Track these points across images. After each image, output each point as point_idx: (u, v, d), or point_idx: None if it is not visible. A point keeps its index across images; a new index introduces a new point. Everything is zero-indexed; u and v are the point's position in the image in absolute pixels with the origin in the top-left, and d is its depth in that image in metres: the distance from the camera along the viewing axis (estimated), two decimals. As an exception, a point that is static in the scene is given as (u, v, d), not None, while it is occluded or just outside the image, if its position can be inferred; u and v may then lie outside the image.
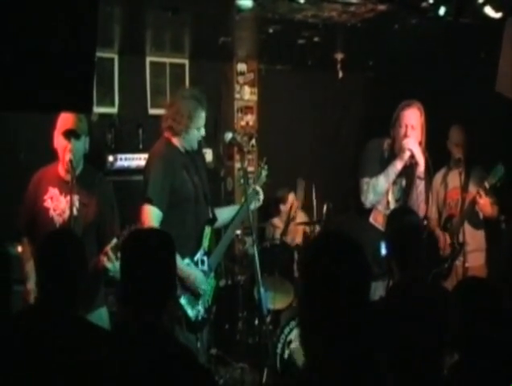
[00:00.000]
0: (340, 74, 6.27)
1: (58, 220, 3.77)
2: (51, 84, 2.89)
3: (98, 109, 5.99)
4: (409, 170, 4.34)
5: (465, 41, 5.18)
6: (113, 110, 6.23)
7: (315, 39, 5.68)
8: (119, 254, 3.48)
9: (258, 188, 4.24)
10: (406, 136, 4.30)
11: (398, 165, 4.30)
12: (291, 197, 6.53)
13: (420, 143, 4.33)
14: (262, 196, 4.23)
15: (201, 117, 3.96)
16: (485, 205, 4.93)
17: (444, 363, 2.43)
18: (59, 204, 3.78)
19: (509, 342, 2.34)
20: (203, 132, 4.01)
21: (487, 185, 4.84)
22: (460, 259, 4.99)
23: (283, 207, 6.53)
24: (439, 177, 5.40)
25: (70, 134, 3.71)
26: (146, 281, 2.32)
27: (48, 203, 3.79)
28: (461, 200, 5.07)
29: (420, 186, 4.33)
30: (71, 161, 3.67)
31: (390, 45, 5.88)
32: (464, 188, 5.10)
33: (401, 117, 4.35)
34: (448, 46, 5.52)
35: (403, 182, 4.40)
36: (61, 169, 3.80)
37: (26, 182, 4.05)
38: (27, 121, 5.44)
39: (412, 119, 4.33)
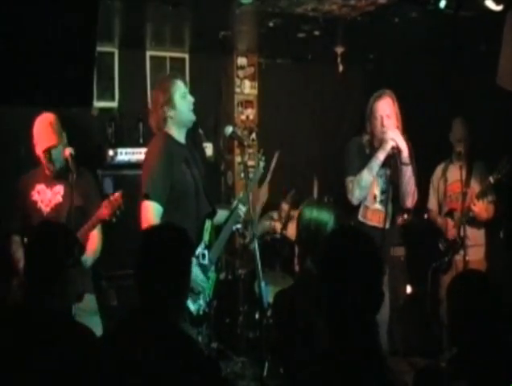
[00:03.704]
0: (341, 68, 6.25)
1: (45, 210, 4.20)
2: (51, 79, 2.89)
3: (98, 104, 5.98)
4: (392, 160, 4.31)
5: (466, 34, 5.17)
6: (114, 104, 6.22)
7: (316, 32, 5.67)
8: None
9: (241, 206, 4.20)
10: (382, 126, 4.33)
11: (380, 156, 4.29)
12: (283, 206, 6.53)
13: (397, 128, 4.36)
14: (243, 212, 4.21)
15: (176, 83, 3.96)
16: (480, 211, 4.99)
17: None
18: (45, 196, 4.22)
19: (507, 335, 2.34)
20: (190, 98, 4.00)
21: (492, 180, 4.84)
22: (460, 253, 5.01)
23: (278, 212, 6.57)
24: (439, 170, 5.43)
25: (48, 151, 4.18)
26: (160, 276, 2.37)
27: (36, 197, 4.24)
28: (463, 195, 5.08)
29: (408, 171, 4.34)
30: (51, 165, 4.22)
31: (390, 38, 5.87)
32: (466, 183, 5.10)
33: (374, 110, 4.38)
34: (448, 39, 5.50)
35: (388, 172, 4.36)
36: (46, 169, 4.26)
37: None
38: (28, 116, 5.43)
39: (386, 109, 4.37)
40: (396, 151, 4.26)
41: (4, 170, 5.41)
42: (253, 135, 6.92)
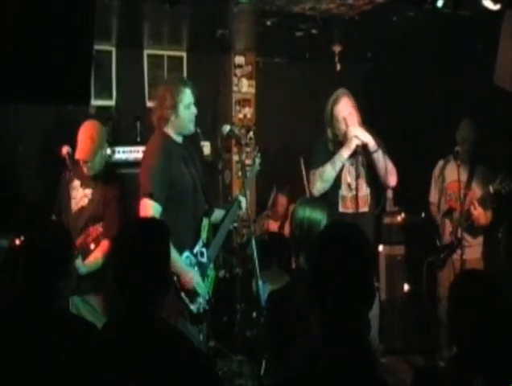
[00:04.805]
0: (339, 66, 6.26)
1: (73, 208, 4.29)
2: (49, 77, 2.89)
3: (96, 102, 5.98)
4: (359, 151, 4.37)
5: (463, 33, 5.17)
6: (111, 103, 6.23)
7: (313, 31, 5.68)
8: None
9: (241, 198, 4.20)
10: (347, 126, 4.40)
11: (344, 154, 4.38)
12: (281, 199, 6.54)
13: (359, 122, 4.44)
14: (244, 204, 4.20)
15: (185, 92, 3.91)
16: (479, 216, 4.95)
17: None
18: (77, 194, 4.32)
19: (507, 336, 2.34)
20: (194, 109, 3.95)
21: (491, 190, 4.82)
22: (457, 252, 5.00)
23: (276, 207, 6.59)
24: (438, 167, 5.40)
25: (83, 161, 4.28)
26: (135, 268, 2.31)
27: (71, 191, 4.35)
28: (463, 196, 5.04)
29: (380, 156, 4.39)
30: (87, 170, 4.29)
31: (388, 37, 5.88)
32: (467, 185, 5.07)
33: (336, 114, 4.45)
34: (446, 38, 5.51)
35: (360, 159, 4.41)
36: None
37: (24, 174, 4.09)
38: (26, 114, 5.43)
39: (346, 109, 4.44)
40: (360, 149, 4.33)
41: (2, 168, 5.41)
42: (251, 134, 6.92)
